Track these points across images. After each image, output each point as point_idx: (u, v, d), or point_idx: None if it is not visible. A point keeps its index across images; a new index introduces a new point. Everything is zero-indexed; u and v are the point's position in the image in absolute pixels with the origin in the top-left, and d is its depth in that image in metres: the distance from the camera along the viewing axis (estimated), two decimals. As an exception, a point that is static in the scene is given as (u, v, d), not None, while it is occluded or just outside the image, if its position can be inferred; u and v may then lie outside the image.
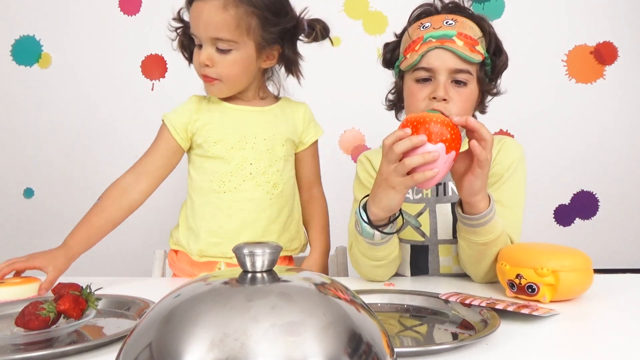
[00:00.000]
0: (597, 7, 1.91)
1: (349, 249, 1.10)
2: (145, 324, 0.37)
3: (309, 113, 1.28)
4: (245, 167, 1.16)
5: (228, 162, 1.16)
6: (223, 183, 1.16)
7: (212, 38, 1.09)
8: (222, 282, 0.40)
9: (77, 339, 0.72)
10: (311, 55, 1.98)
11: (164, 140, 1.18)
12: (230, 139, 1.16)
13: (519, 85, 1.89)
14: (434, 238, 1.10)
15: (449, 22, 1.02)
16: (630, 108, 1.93)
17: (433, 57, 1.00)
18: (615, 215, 1.94)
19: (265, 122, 1.20)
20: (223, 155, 1.16)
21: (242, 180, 1.16)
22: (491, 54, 1.05)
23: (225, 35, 1.08)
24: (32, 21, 2.06)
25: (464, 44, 1.00)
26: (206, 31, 1.09)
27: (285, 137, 1.20)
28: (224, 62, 1.11)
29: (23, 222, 2.09)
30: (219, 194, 1.16)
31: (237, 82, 1.16)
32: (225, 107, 1.20)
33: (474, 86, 1.04)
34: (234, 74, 1.13)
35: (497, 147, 1.09)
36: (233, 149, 1.16)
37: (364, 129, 1.99)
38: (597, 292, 0.90)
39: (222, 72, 1.12)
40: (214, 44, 1.10)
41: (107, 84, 2.04)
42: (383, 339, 0.38)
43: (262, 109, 1.21)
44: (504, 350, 0.65)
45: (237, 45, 1.10)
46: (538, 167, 1.86)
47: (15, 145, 2.09)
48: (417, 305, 0.84)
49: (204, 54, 1.11)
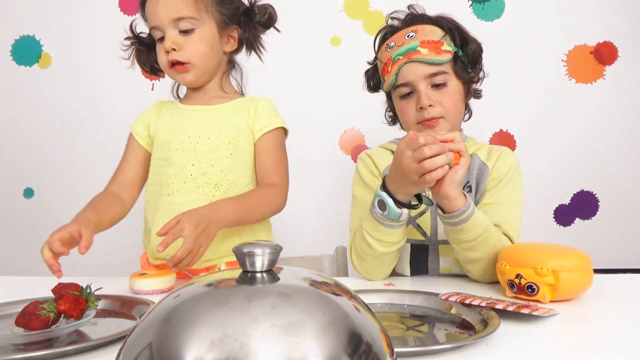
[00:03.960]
0: (597, 7, 1.91)
1: (349, 248, 1.10)
2: (145, 324, 0.37)
3: (263, 105, 1.20)
4: (187, 168, 1.15)
5: (172, 164, 1.16)
6: (167, 186, 1.16)
7: (174, 19, 1.10)
8: (222, 282, 0.40)
9: (77, 339, 0.72)
10: (311, 56, 1.98)
11: (132, 149, 1.22)
12: (175, 140, 1.16)
13: (519, 85, 1.89)
14: (434, 238, 1.11)
15: (410, 35, 1.09)
16: (630, 108, 1.93)
17: (405, 72, 1.08)
18: (615, 215, 1.94)
19: (213, 120, 1.18)
20: (168, 157, 1.16)
21: (183, 182, 1.15)
22: (459, 46, 1.10)
23: (187, 13, 1.10)
24: (32, 21, 2.06)
25: (429, 50, 1.06)
26: (167, 14, 1.10)
27: (232, 135, 1.16)
28: (189, 42, 1.12)
29: (23, 222, 2.09)
30: (164, 197, 1.15)
31: (208, 63, 1.15)
32: (179, 108, 1.21)
33: (454, 82, 1.09)
34: (202, 51, 1.13)
35: (496, 156, 1.14)
36: (177, 151, 1.16)
37: (364, 129, 1.99)
38: (597, 292, 0.91)
39: (190, 53, 1.12)
40: (176, 27, 1.11)
41: (107, 84, 2.04)
42: (383, 339, 0.38)
43: (214, 107, 1.20)
44: (504, 350, 0.65)
45: (199, 22, 1.12)
46: (538, 167, 1.86)
47: (15, 145, 2.09)
48: (417, 305, 0.84)
49: (168, 40, 1.11)
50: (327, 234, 1.90)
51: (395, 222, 0.99)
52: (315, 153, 1.97)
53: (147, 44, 1.22)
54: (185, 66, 1.13)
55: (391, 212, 0.97)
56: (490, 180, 1.10)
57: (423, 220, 1.12)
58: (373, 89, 1.21)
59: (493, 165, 1.12)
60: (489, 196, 1.08)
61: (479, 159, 1.12)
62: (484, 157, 1.13)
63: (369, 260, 1.05)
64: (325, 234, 1.93)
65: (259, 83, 1.92)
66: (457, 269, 1.11)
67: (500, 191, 1.09)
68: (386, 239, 1.01)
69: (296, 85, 1.96)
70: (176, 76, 1.17)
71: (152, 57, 1.21)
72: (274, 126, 1.19)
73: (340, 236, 1.15)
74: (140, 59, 1.23)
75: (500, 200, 1.07)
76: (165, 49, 1.12)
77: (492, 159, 1.12)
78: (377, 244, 1.02)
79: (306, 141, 1.96)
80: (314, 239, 1.94)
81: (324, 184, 1.98)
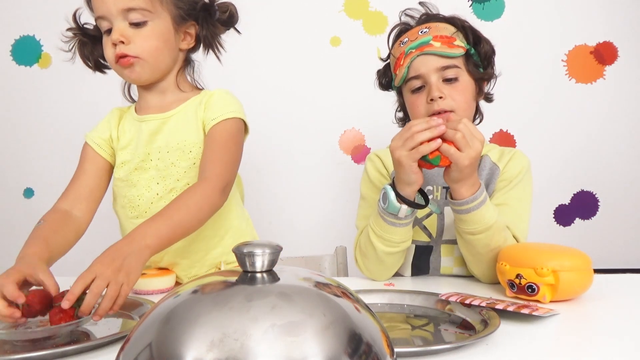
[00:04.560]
0: (597, 7, 1.91)
1: (354, 246, 1.11)
2: (145, 324, 0.37)
3: (215, 98, 1.08)
4: (152, 187, 1.07)
5: (134, 185, 1.08)
6: (133, 208, 1.08)
7: (124, 10, 0.99)
8: (222, 282, 0.40)
9: (77, 339, 0.72)
10: (311, 56, 1.98)
11: (89, 160, 1.10)
12: (135, 159, 1.08)
13: (519, 85, 1.89)
14: (439, 239, 1.12)
15: (424, 31, 1.10)
16: (630, 108, 1.93)
17: (418, 64, 1.08)
18: (615, 215, 1.94)
19: (170, 131, 1.07)
20: (128, 177, 1.08)
21: (150, 202, 1.06)
22: (472, 44, 1.10)
23: (139, 4, 0.99)
24: (32, 21, 2.05)
25: (442, 43, 1.07)
26: (116, 3, 0.98)
27: (192, 142, 1.06)
28: (139, 35, 1.00)
29: (23, 222, 2.08)
30: (132, 220, 1.07)
31: (160, 59, 1.04)
32: (134, 120, 1.11)
33: (466, 78, 1.09)
34: (154, 47, 1.02)
35: (508, 157, 1.14)
36: (137, 170, 1.07)
37: (364, 129, 1.98)
38: (597, 292, 0.91)
39: (140, 47, 1.01)
40: (125, 18, 1.00)
41: (107, 84, 2.03)
42: (383, 339, 0.38)
43: (170, 115, 1.08)
44: (504, 350, 0.65)
45: (152, 15, 1.01)
46: (538, 167, 1.85)
47: (15, 145, 2.08)
48: (417, 305, 0.84)
49: (115, 32, 1.00)
50: (327, 234, 1.90)
51: (396, 219, 0.99)
52: (315, 153, 1.97)
53: (92, 36, 1.09)
54: (129, 59, 1.01)
55: (390, 205, 0.97)
56: (501, 180, 1.10)
57: (429, 222, 1.12)
58: (384, 87, 1.21)
59: (505, 166, 1.11)
60: (498, 197, 1.08)
61: (490, 160, 1.12)
62: (495, 158, 1.13)
63: (372, 260, 1.05)
64: (325, 234, 1.92)
65: (259, 83, 1.93)
66: (457, 268, 1.11)
67: (509, 192, 1.09)
68: (388, 237, 1.01)
69: (296, 85, 1.96)
70: (123, 72, 1.05)
71: (97, 51, 1.09)
72: (222, 118, 1.05)
73: (340, 236, 1.15)
74: (83, 53, 1.10)
75: (509, 202, 1.07)
76: (112, 41, 1.00)
77: (504, 160, 1.12)
78: (380, 241, 1.02)
79: (306, 141, 1.96)
80: (314, 239, 1.94)
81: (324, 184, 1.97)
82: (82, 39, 1.09)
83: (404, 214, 0.98)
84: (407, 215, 0.99)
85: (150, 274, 1.01)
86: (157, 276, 1.00)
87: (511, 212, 1.06)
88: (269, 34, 1.94)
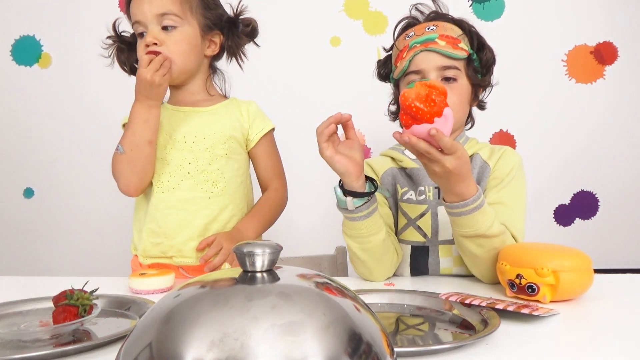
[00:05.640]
0: (597, 7, 1.91)
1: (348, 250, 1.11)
2: (145, 324, 0.37)
3: (253, 109, 1.27)
4: (184, 166, 1.18)
5: (167, 163, 1.18)
6: (162, 183, 1.18)
7: (158, 15, 1.12)
8: (222, 282, 0.40)
9: (77, 339, 0.72)
10: (311, 56, 1.98)
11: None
12: (169, 139, 1.19)
13: (519, 85, 1.89)
14: (434, 239, 1.12)
15: (431, 28, 1.11)
16: (630, 108, 1.92)
17: (420, 59, 1.08)
18: (615, 215, 1.94)
19: (206, 121, 1.21)
20: (162, 156, 1.18)
21: (180, 179, 1.18)
22: (475, 50, 1.11)
23: (172, 9, 1.12)
24: (32, 21, 2.05)
25: (446, 43, 1.07)
26: (151, 8, 1.12)
27: (227, 135, 1.20)
28: (171, 39, 1.13)
29: (23, 222, 2.09)
30: (158, 194, 1.18)
31: (187, 62, 1.16)
32: (167, 108, 1.22)
33: (464, 81, 1.10)
34: (182, 50, 1.14)
35: (499, 155, 1.14)
36: (173, 150, 1.18)
37: (364, 129, 1.98)
38: (597, 292, 0.90)
39: (170, 49, 1.12)
40: (159, 23, 1.12)
41: (107, 84, 2.03)
42: (383, 339, 0.38)
43: (205, 109, 1.22)
44: (504, 350, 0.65)
45: (183, 21, 1.14)
46: (538, 167, 1.86)
47: (15, 145, 2.08)
48: (417, 305, 0.84)
49: (149, 35, 1.12)
50: (327, 234, 1.90)
51: (350, 213, 1.00)
52: (316, 153, 1.96)
53: (129, 42, 1.22)
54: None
55: (339, 200, 1.00)
56: (492, 179, 1.10)
57: (423, 222, 1.12)
58: (383, 77, 1.22)
59: (495, 164, 1.12)
60: (491, 195, 1.08)
61: (480, 158, 1.12)
62: (485, 156, 1.13)
63: (356, 261, 1.07)
64: (325, 234, 1.92)
65: (259, 83, 1.93)
66: (457, 269, 1.11)
67: (502, 190, 1.08)
68: (355, 233, 1.02)
69: (296, 85, 1.96)
70: None
71: (132, 57, 1.22)
72: (268, 129, 1.26)
73: (340, 236, 1.15)
74: (120, 58, 1.23)
75: (503, 200, 1.07)
76: (145, 43, 1.12)
77: (494, 158, 1.13)
78: (351, 240, 1.04)
79: (306, 141, 1.94)
80: (314, 239, 1.94)
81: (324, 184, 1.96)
82: (120, 45, 1.22)
83: (352, 206, 0.99)
84: (359, 207, 0.99)
85: (150, 274, 1.01)
86: (157, 276, 1.00)
87: (507, 210, 1.06)
88: (269, 34, 1.93)
